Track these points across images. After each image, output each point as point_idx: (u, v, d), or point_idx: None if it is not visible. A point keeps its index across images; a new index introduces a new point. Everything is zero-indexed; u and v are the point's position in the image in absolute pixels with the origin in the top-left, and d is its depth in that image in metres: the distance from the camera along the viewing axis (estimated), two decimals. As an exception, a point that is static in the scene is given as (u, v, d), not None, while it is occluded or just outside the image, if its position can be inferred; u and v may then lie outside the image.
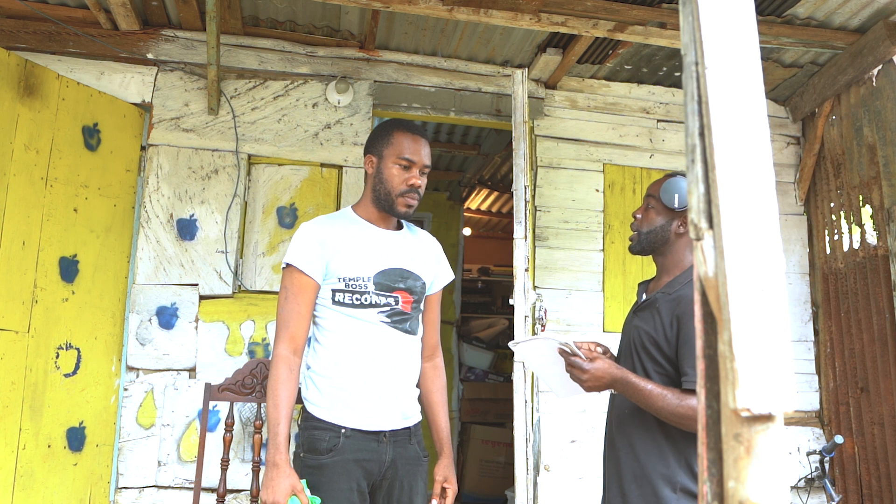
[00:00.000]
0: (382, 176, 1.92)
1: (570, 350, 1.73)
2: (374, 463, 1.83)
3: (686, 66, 0.78)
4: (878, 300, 3.24)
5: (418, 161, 1.92)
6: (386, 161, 1.92)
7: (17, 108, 2.74)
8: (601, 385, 1.74)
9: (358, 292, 1.87)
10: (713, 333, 0.72)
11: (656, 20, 2.97)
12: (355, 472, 1.80)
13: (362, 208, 2.00)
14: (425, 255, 2.04)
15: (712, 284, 0.70)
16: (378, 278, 1.89)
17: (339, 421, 1.82)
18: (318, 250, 1.88)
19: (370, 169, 1.96)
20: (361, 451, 1.82)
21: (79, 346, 2.89)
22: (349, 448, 1.81)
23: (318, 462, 1.80)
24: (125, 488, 2.94)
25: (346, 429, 1.82)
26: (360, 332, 1.87)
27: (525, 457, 2.64)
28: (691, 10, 0.76)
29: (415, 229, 2.10)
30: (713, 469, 0.70)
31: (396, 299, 1.90)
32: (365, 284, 1.87)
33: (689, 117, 0.76)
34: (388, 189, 1.91)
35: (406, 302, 1.92)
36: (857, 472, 3.36)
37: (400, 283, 1.92)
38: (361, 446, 1.82)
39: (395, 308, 1.91)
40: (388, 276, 1.91)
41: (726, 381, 0.66)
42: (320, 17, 3.25)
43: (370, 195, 1.97)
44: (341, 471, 1.79)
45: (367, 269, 1.89)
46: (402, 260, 1.95)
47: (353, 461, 1.80)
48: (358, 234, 1.94)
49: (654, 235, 1.88)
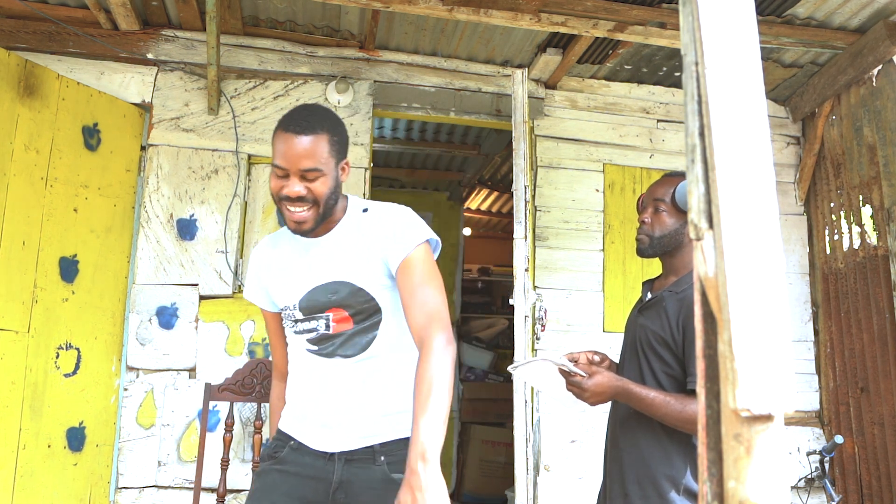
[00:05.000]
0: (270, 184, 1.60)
1: (569, 369, 1.73)
2: (320, 482, 1.62)
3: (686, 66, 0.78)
4: (878, 300, 3.24)
5: (290, 167, 1.53)
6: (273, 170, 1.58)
7: (17, 108, 2.74)
8: (603, 399, 1.73)
9: (290, 319, 1.69)
10: (713, 333, 0.72)
11: (656, 20, 2.97)
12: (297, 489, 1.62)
13: None
14: (362, 249, 1.64)
15: (712, 284, 0.71)
16: (304, 303, 1.65)
17: (289, 431, 1.71)
18: (257, 283, 1.78)
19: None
20: (305, 467, 1.64)
21: (79, 346, 2.89)
22: (292, 459, 1.66)
23: (262, 467, 1.71)
24: (125, 488, 2.94)
25: (295, 441, 1.68)
26: (296, 358, 1.74)
27: (525, 457, 2.64)
28: (691, 10, 0.76)
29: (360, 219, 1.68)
30: (713, 469, 0.70)
31: (327, 321, 1.63)
32: (293, 312, 1.68)
33: (689, 117, 0.76)
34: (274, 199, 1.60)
35: (340, 320, 1.62)
36: (857, 472, 3.36)
37: (332, 298, 1.62)
38: (307, 462, 1.64)
39: (323, 333, 1.63)
40: (315, 297, 1.64)
41: (726, 381, 0.66)
42: (320, 17, 3.25)
43: None
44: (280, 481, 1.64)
45: (293, 296, 1.67)
46: (330, 271, 1.63)
47: (294, 474, 1.64)
48: (290, 253, 1.72)
49: (669, 239, 1.86)
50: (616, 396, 1.73)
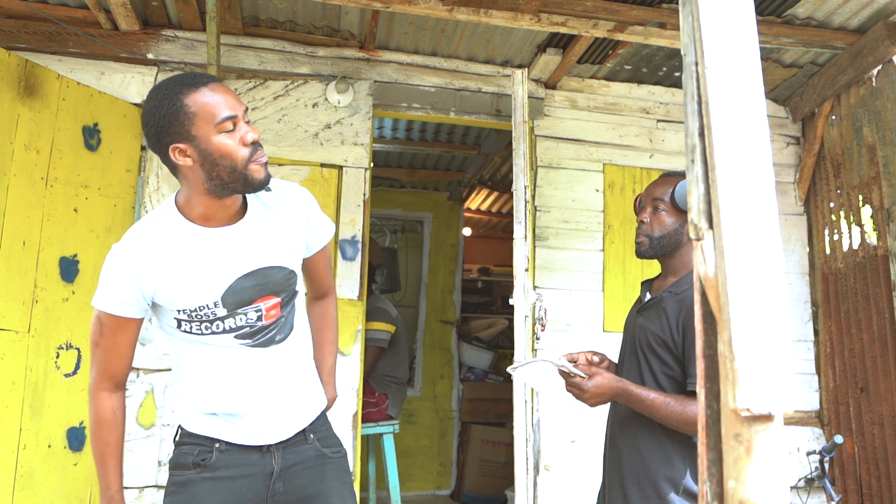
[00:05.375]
0: (212, 156, 1.43)
1: (568, 370, 1.72)
2: (258, 478, 1.59)
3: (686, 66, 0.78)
4: (877, 300, 3.24)
5: (237, 111, 1.44)
6: (203, 139, 1.42)
7: (17, 108, 2.74)
8: (603, 400, 1.73)
9: (207, 321, 1.54)
10: (713, 333, 0.72)
11: (656, 20, 2.97)
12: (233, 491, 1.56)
13: (191, 208, 1.53)
14: (286, 230, 1.63)
15: (712, 284, 0.71)
16: (228, 298, 1.53)
17: (213, 434, 1.59)
18: (132, 290, 1.50)
19: (185, 160, 1.45)
20: (240, 467, 1.58)
21: (79, 346, 2.89)
22: (223, 463, 1.57)
23: (184, 478, 1.58)
24: (125, 488, 2.91)
25: (221, 442, 1.58)
26: (216, 359, 1.58)
27: (525, 457, 2.64)
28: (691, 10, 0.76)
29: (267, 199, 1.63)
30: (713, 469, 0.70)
31: (258, 311, 1.57)
32: (213, 311, 1.53)
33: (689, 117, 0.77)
34: (230, 166, 1.44)
35: (272, 308, 1.59)
36: (857, 472, 3.36)
37: (259, 289, 1.56)
38: (240, 461, 1.58)
39: (256, 326, 1.58)
40: (240, 290, 1.54)
41: (726, 381, 0.66)
42: (320, 17, 3.25)
43: (202, 188, 1.48)
44: (211, 489, 1.55)
45: (210, 294, 1.52)
46: (254, 258, 1.56)
47: (228, 478, 1.57)
48: (191, 247, 1.53)
49: (669, 239, 1.85)
50: (616, 397, 1.73)
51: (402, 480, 4.21)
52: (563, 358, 1.78)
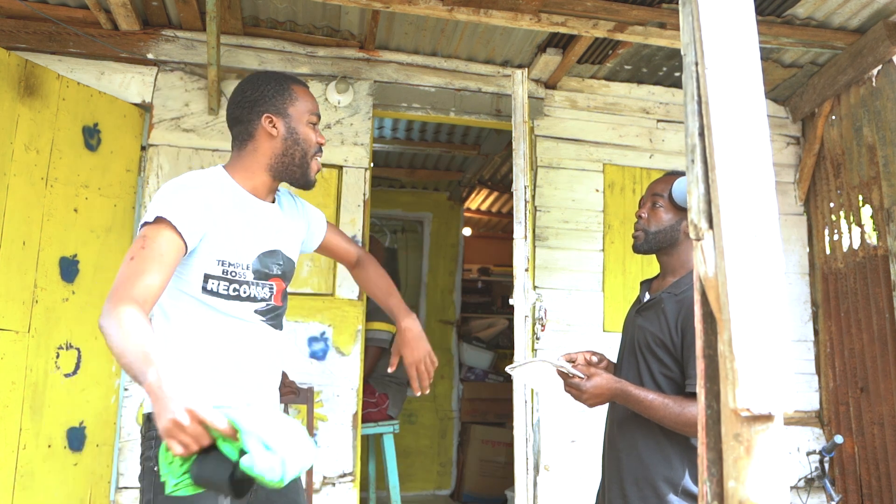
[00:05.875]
0: (297, 136, 1.64)
1: (567, 371, 1.73)
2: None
3: (686, 66, 0.78)
4: (877, 300, 3.24)
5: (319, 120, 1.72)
6: (295, 120, 1.64)
7: (17, 108, 2.74)
8: (602, 400, 1.74)
9: (236, 281, 1.54)
10: (713, 333, 0.72)
11: (656, 20, 2.97)
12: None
13: (245, 177, 1.64)
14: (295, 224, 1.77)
15: (712, 284, 0.71)
16: (256, 264, 1.59)
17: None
18: (203, 213, 1.50)
19: (272, 129, 1.62)
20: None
21: (79, 346, 2.89)
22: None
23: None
24: (125, 488, 2.94)
25: None
26: (232, 333, 1.56)
27: (525, 457, 2.64)
28: (691, 10, 0.76)
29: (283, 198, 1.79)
30: (713, 469, 0.70)
31: (272, 289, 1.62)
32: (244, 273, 1.56)
33: (689, 117, 0.77)
34: (304, 150, 1.65)
35: (279, 291, 1.65)
36: (856, 472, 3.36)
37: (276, 268, 1.64)
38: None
39: (270, 303, 1.62)
40: (266, 260, 1.61)
41: (726, 381, 0.66)
42: (320, 17, 3.25)
43: (268, 163, 1.64)
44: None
45: (247, 254, 1.57)
46: (277, 240, 1.66)
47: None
48: (240, 207, 1.60)
49: (663, 235, 1.86)
50: (614, 398, 1.73)
51: (402, 480, 4.21)
52: (561, 358, 1.78)
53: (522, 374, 1.86)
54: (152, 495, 1.45)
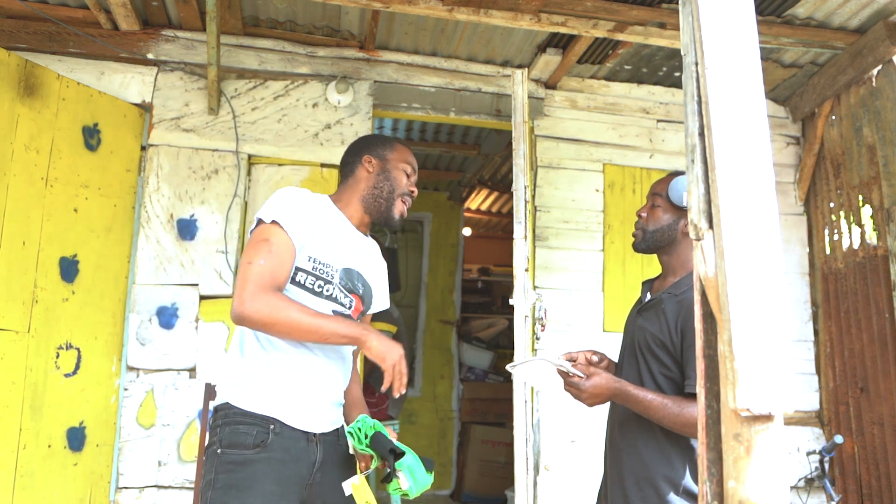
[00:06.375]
0: (389, 175, 1.90)
1: (567, 370, 1.72)
2: (303, 465, 1.68)
3: (686, 66, 0.78)
4: (877, 300, 3.24)
5: (415, 172, 1.97)
6: (391, 164, 1.92)
7: (17, 108, 2.74)
8: (601, 400, 1.73)
9: (322, 279, 1.74)
10: (713, 333, 0.72)
11: (656, 20, 2.97)
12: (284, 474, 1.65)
13: (343, 205, 1.90)
14: (381, 272, 1.99)
15: (712, 284, 0.71)
16: (343, 273, 1.79)
17: (270, 413, 1.66)
18: (304, 217, 1.74)
19: (368, 168, 1.90)
20: (290, 451, 1.66)
21: (79, 345, 2.89)
22: (278, 446, 1.65)
23: (244, 457, 1.62)
24: (125, 488, 2.94)
25: (277, 424, 1.66)
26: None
27: (525, 457, 2.64)
28: (691, 10, 0.76)
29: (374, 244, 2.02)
30: (713, 469, 0.70)
31: (351, 302, 1.82)
32: (332, 273, 1.76)
33: (689, 117, 0.77)
34: (392, 187, 1.89)
35: (357, 309, 1.84)
36: (856, 472, 3.36)
37: (360, 287, 1.84)
38: (290, 445, 1.67)
39: (347, 311, 1.81)
40: (352, 276, 1.82)
41: (726, 381, 0.66)
42: (320, 17, 3.25)
43: (361, 194, 1.89)
44: (268, 470, 1.63)
45: (337, 260, 1.79)
46: (363, 265, 1.87)
47: (280, 461, 1.64)
48: (337, 224, 1.85)
49: (661, 234, 1.87)
50: (614, 398, 1.73)
51: (402, 480, 4.20)
52: (561, 357, 1.78)
53: (523, 373, 1.86)
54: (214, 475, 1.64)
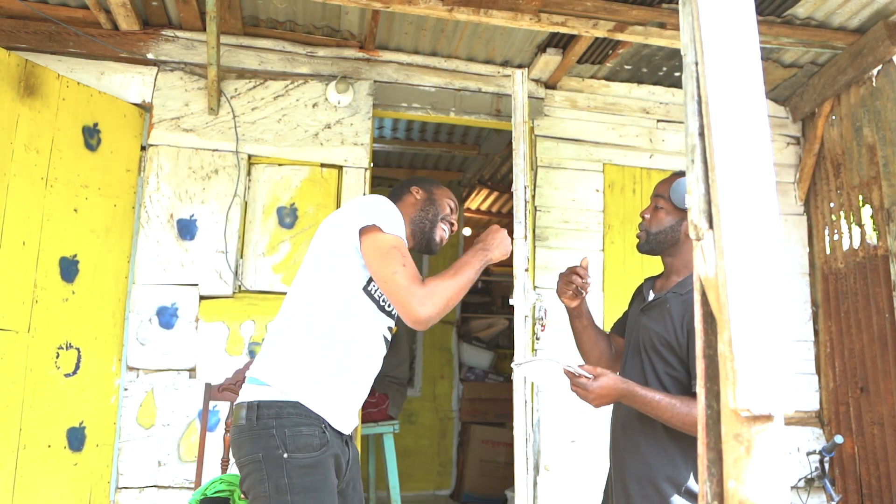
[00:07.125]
0: (434, 202, 2.05)
1: (573, 371, 1.72)
2: (341, 463, 1.80)
3: (686, 66, 0.78)
4: (878, 300, 3.24)
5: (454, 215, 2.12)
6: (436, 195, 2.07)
7: (17, 108, 2.74)
8: (608, 401, 1.72)
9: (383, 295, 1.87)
10: (713, 333, 0.72)
11: (656, 20, 2.97)
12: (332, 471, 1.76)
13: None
14: None
15: (712, 284, 0.71)
16: None
17: (324, 414, 1.74)
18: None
19: (416, 196, 2.05)
20: (334, 448, 1.76)
21: (79, 346, 2.89)
22: (329, 443, 1.74)
23: (314, 459, 1.68)
24: (125, 488, 2.94)
25: (326, 424, 1.74)
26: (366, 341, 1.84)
27: (525, 457, 2.64)
28: (691, 10, 0.76)
29: None
30: (713, 469, 0.70)
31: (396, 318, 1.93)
32: None
33: (689, 117, 0.77)
34: (436, 212, 2.04)
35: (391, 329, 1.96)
36: (856, 472, 3.36)
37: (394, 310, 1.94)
38: (336, 443, 1.77)
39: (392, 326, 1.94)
40: None
41: (726, 381, 0.66)
42: (320, 17, 3.25)
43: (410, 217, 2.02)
44: (331, 466, 1.73)
45: None
46: None
47: (332, 458, 1.75)
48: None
49: (664, 236, 1.86)
50: (621, 398, 1.72)
51: (402, 480, 4.21)
52: (566, 359, 1.77)
53: (527, 371, 1.86)
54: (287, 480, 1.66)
